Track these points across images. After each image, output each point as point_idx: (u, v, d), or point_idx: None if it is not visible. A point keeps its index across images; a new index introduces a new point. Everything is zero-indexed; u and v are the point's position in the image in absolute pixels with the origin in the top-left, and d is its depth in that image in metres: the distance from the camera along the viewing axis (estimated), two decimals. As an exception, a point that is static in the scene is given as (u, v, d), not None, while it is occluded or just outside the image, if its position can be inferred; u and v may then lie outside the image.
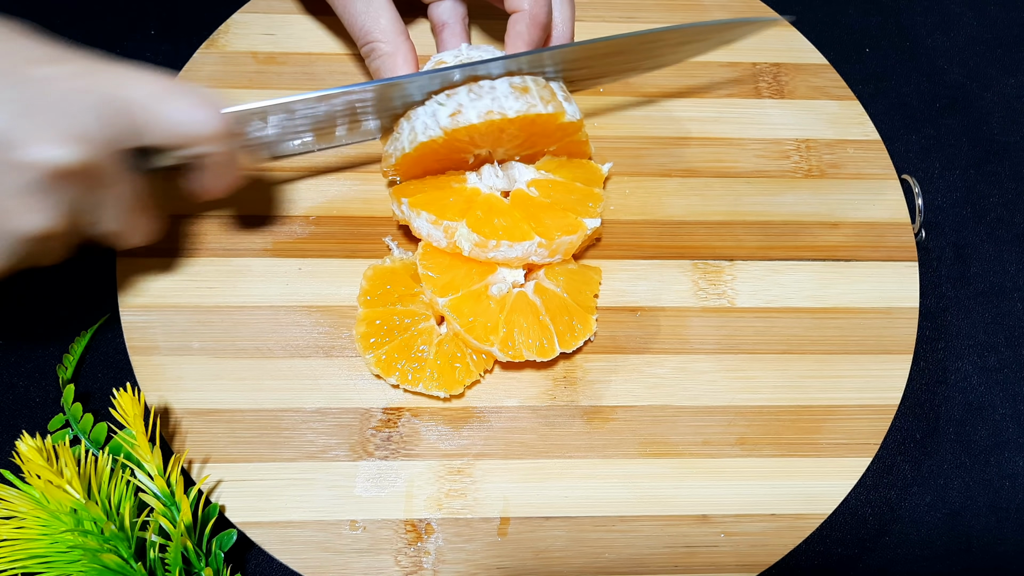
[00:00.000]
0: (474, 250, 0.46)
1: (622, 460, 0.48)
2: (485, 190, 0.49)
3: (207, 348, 0.49)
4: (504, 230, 0.46)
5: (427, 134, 0.46)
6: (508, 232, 0.46)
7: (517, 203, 0.48)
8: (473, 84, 0.46)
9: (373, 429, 0.48)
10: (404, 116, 0.48)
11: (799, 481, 0.48)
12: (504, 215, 0.47)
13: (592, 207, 0.49)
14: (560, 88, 0.49)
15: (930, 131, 0.62)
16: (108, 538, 0.41)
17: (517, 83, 0.46)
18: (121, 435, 0.45)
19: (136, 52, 0.60)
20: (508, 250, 0.46)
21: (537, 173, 0.50)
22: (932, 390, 0.54)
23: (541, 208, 0.48)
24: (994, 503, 0.52)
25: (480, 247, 0.46)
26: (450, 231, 0.46)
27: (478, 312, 0.46)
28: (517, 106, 0.46)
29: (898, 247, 0.54)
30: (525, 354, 0.46)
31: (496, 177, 0.50)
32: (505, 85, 0.46)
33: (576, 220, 0.48)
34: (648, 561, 0.46)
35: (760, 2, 0.61)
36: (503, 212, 0.47)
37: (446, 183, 0.49)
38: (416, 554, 0.46)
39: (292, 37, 0.57)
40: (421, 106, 0.47)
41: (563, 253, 0.48)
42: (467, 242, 0.46)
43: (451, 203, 0.47)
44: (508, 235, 0.46)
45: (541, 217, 0.48)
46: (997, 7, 0.67)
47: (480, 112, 0.45)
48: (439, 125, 0.46)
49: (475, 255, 0.47)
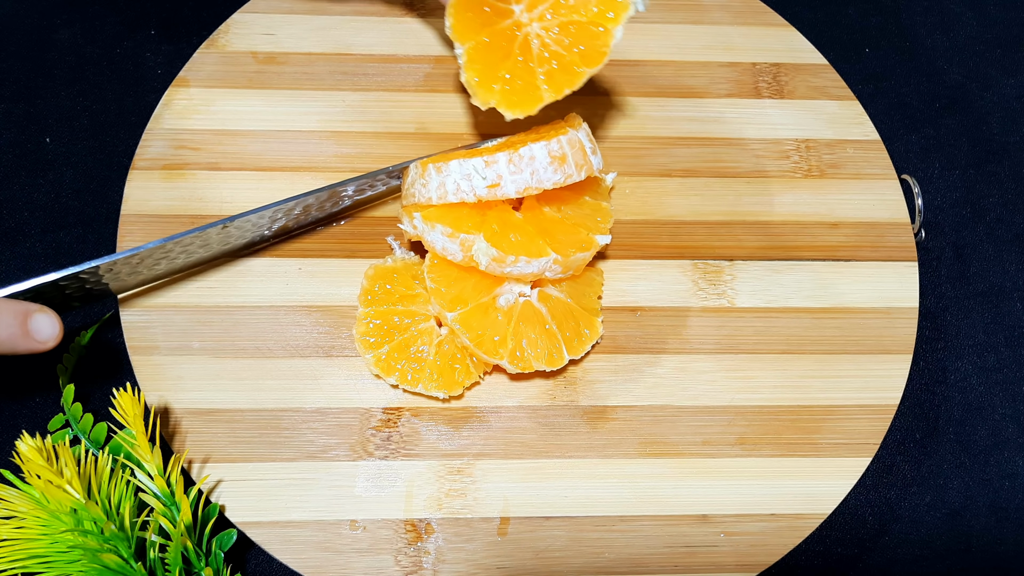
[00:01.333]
0: (491, 265, 0.46)
1: (622, 460, 0.48)
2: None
3: (207, 348, 0.49)
4: (521, 245, 0.46)
5: (459, 196, 0.46)
6: (526, 248, 0.46)
7: (530, 217, 0.48)
8: (513, 153, 0.45)
9: (373, 429, 0.48)
10: (435, 165, 0.47)
11: (799, 481, 0.48)
12: (518, 230, 0.47)
13: (601, 223, 0.49)
14: (587, 138, 0.48)
15: (930, 131, 0.62)
16: (108, 538, 0.41)
17: (555, 151, 0.46)
18: (121, 435, 0.45)
19: (136, 52, 0.60)
20: (526, 266, 0.46)
21: None
22: (932, 390, 0.54)
23: (554, 223, 0.48)
24: (994, 503, 0.52)
25: (498, 262, 0.46)
26: (467, 244, 0.46)
27: (486, 326, 0.46)
28: (555, 178, 0.46)
29: (898, 247, 0.54)
30: (535, 365, 0.46)
31: None
32: (544, 154, 0.46)
33: (588, 237, 0.48)
34: (648, 561, 0.46)
35: (760, 2, 0.61)
36: (517, 227, 0.47)
37: None
38: (416, 554, 0.46)
39: (292, 37, 0.57)
40: (455, 162, 0.46)
41: (575, 269, 0.48)
42: (485, 256, 0.46)
43: (464, 215, 0.47)
44: (526, 251, 0.46)
45: (554, 233, 0.47)
46: (997, 7, 0.67)
47: (519, 187, 0.46)
48: (475, 192, 0.46)
49: (491, 269, 0.46)
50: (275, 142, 0.54)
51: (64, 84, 0.59)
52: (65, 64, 0.59)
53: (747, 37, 0.60)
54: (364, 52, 0.57)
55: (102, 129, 0.57)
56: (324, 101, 0.56)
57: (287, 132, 0.54)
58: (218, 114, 0.54)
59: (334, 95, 0.56)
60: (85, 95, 0.58)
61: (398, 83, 0.57)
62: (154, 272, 0.48)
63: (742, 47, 0.59)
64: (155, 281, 0.49)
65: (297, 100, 0.55)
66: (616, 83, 0.57)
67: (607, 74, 0.57)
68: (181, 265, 0.48)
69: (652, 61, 0.58)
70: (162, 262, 0.47)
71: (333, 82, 0.56)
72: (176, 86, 0.55)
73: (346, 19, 0.58)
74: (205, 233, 0.47)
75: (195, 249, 0.48)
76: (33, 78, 0.59)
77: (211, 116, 0.54)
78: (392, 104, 0.56)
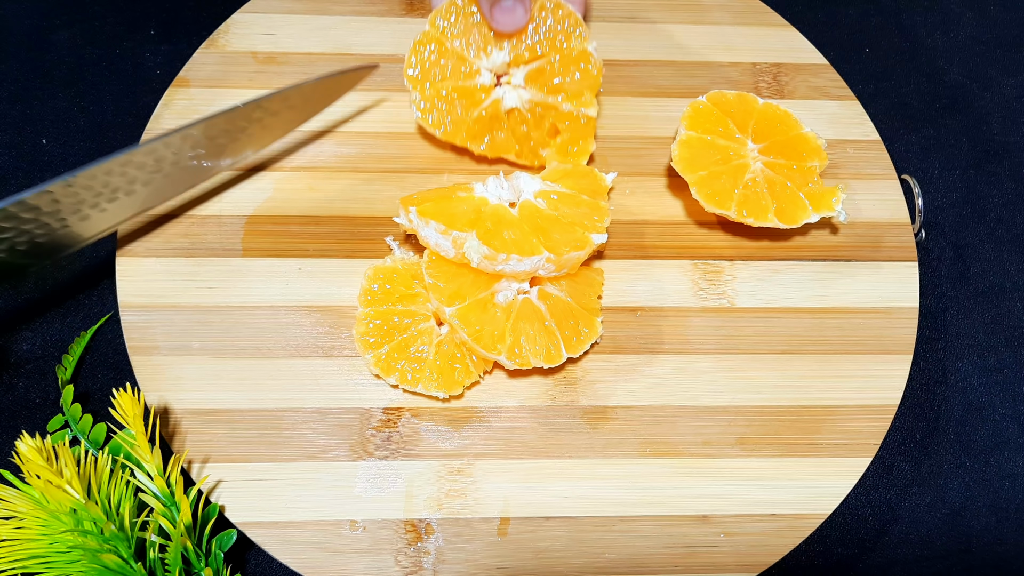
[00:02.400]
0: (483, 262, 0.46)
1: (622, 460, 0.48)
2: (492, 200, 0.49)
3: (207, 348, 0.49)
4: (514, 244, 0.46)
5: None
6: (518, 246, 0.46)
7: (525, 215, 0.48)
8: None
9: (373, 429, 0.48)
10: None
11: (799, 481, 0.48)
12: (513, 228, 0.47)
13: (598, 222, 0.49)
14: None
15: (930, 131, 0.62)
16: (108, 538, 0.41)
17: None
18: (121, 435, 0.45)
19: (136, 52, 0.60)
20: (517, 264, 0.46)
21: (543, 184, 0.50)
22: (932, 390, 0.54)
23: (549, 221, 0.48)
24: (994, 503, 0.52)
25: (489, 260, 0.46)
26: (459, 242, 0.46)
27: (485, 321, 0.46)
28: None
29: (898, 247, 0.54)
30: (532, 361, 0.46)
31: (502, 188, 0.50)
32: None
33: (584, 236, 0.48)
34: (648, 561, 0.46)
35: (760, 2, 0.61)
36: (512, 224, 0.47)
37: (453, 192, 0.49)
38: (416, 554, 0.45)
39: (292, 37, 0.57)
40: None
41: (570, 268, 0.48)
42: (476, 254, 0.46)
43: (460, 213, 0.47)
44: (518, 249, 0.46)
45: (549, 231, 0.47)
46: (997, 7, 0.67)
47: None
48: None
49: (483, 267, 0.46)
50: (275, 142, 0.54)
51: (62, 85, 0.59)
52: (64, 65, 0.59)
53: (747, 37, 0.60)
54: (364, 52, 0.57)
55: (100, 130, 0.57)
56: (324, 101, 0.56)
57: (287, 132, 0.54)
58: (218, 114, 0.54)
59: (334, 95, 0.56)
60: (83, 96, 0.58)
61: (398, 83, 0.56)
62: (117, 209, 0.47)
63: (742, 47, 0.59)
64: (120, 222, 0.49)
65: (297, 100, 0.55)
66: (616, 83, 0.57)
67: (607, 74, 0.57)
68: (143, 198, 0.48)
69: (652, 61, 0.58)
70: (103, 201, 0.46)
71: (333, 82, 0.56)
72: (176, 86, 0.55)
73: (346, 19, 0.58)
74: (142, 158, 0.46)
75: (136, 186, 0.47)
76: (31, 79, 0.59)
77: (211, 116, 0.54)
78: (392, 104, 0.56)
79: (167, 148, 0.47)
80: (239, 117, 0.49)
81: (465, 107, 0.51)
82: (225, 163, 0.51)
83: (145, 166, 0.47)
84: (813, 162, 0.53)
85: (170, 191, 0.50)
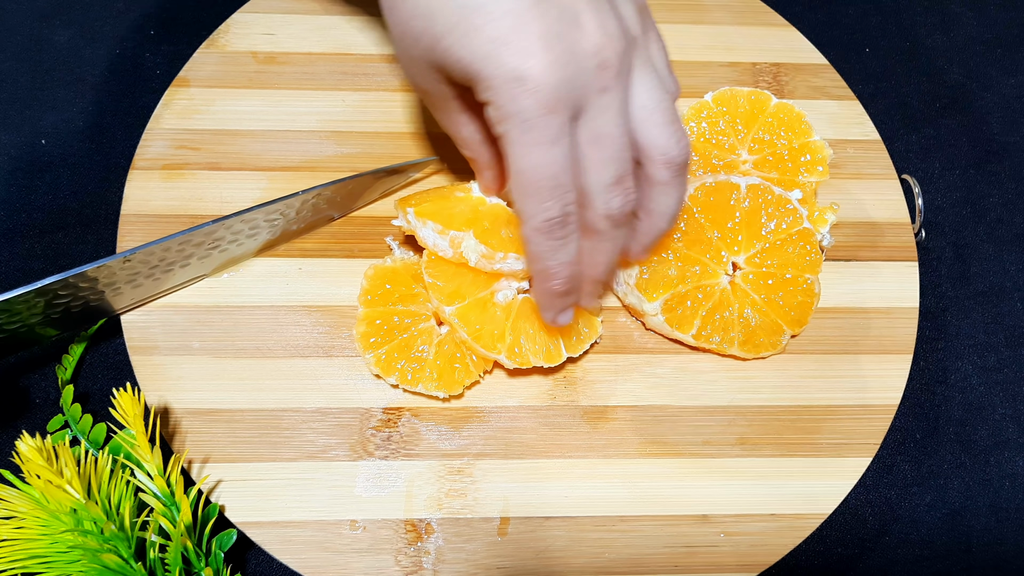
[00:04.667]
0: (481, 261, 0.46)
1: (622, 460, 0.48)
2: (490, 200, 0.49)
3: (207, 348, 0.49)
4: (511, 242, 0.46)
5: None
6: (516, 245, 0.46)
7: None
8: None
9: (373, 429, 0.48)
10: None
11: (799, 481, 0.48)
12: (510, 226, 0.47)
13: None
14: None
15: (930, 131, 0.62)
16: (108, 538, 0.41)
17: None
18: (121, 435, 0.45)
19: (136, 52, 0.60)
20: (515, 263, 0.46)
21: None
22: (932, 390, 0.54)
23: None
24: (994, 503, 0.52)
25: (487, 258, 0.46)
26: (456, 241, 0.46)
27: (484, 320, 0.46)
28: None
29: (898, 247, 0.54)
30: (532, 360, 0.46)
31: None
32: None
33: None
34: (648, 561, 0.46)
35: (760, 2, 0.61)
36: (511, 222, 0.47)
37: (450, 192, 0.49)
38: (416, 554, 0.45)
39: (292, 37, 0.57)
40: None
41: None
42: (474, 253, 0.46)
43: (458, 212, 0.47)
44: (516, 248, 0.46)
45: None
46: (997, 7, 0.67)
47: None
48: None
49: (481, 266, 0.46)
50: (275, 142, 0.54)
51: (62, 86, 0.59)
52: (64, 65, 0.59)
53: (747, 37, 0.60)
54: (364, 52, 0.57)
55: (99, 131, 0.57)
56: (324, 101, 0.56)
57: (287, 132, 0.54)
58: (218, 114, 0.54)
59: (334, 95, 0.56)
60: (83, 96, 0.58)
61: (398, 83, 0.57)
62: (156, 287, 0.48)
63: (742, 47, 0.59)
64: (158, 295, 0.49)
65: (297, 100, 0.55)
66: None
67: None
68: (180, 278, 0.49)
69: (652, 61, 0.58)
70: (158, 272, 0.47)
71: (333, 82, 0.56)
72: (176, 86, 0.55)
73: (346, 19, 0.58)
74: (200, 239, 0.47)
75: (192, 260, 0.48)
76: (31, 79, 0.59)
77: (211, 116, 0.54)
78: (392, 104, 0.56)
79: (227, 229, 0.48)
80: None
81: None
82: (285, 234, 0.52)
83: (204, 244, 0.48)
84: (811, 178, 0.52)
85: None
